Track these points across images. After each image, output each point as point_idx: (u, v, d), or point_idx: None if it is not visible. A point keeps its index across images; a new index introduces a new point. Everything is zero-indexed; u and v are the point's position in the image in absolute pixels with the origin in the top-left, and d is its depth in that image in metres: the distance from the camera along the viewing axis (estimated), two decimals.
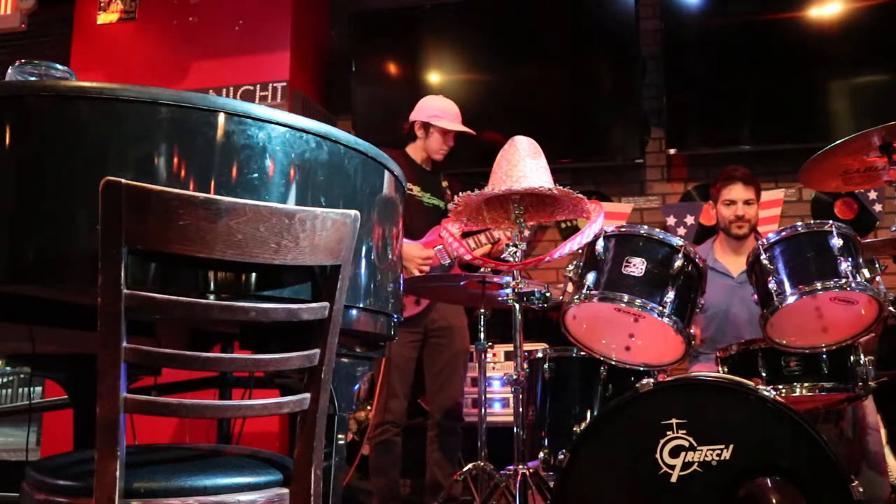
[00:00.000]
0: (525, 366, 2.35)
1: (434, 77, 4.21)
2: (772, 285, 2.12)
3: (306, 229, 1.21)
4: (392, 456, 3.07)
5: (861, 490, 1.82)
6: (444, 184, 3.30)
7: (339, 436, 1.53)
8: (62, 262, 1.18)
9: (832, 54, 3.77)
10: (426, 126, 3.20)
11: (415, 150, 3.24)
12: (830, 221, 2.16)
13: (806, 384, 2.20)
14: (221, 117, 1.27)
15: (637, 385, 2.03)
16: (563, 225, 4.10)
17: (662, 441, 1.93)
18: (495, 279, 2.62)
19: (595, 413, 2.26)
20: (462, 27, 4.20)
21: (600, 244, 2.20)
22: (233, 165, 1.28)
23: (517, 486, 2.21)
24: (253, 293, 1.27)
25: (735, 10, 3.91)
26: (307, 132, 1.37)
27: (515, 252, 2.26)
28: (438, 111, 3.20)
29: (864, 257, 2.14)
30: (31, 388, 3.14)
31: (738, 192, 2.99)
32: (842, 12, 3.76)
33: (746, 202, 2.99)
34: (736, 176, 3.02)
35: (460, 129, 3.20)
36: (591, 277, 2.16)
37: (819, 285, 2.06)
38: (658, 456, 1.93)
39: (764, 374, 2.25)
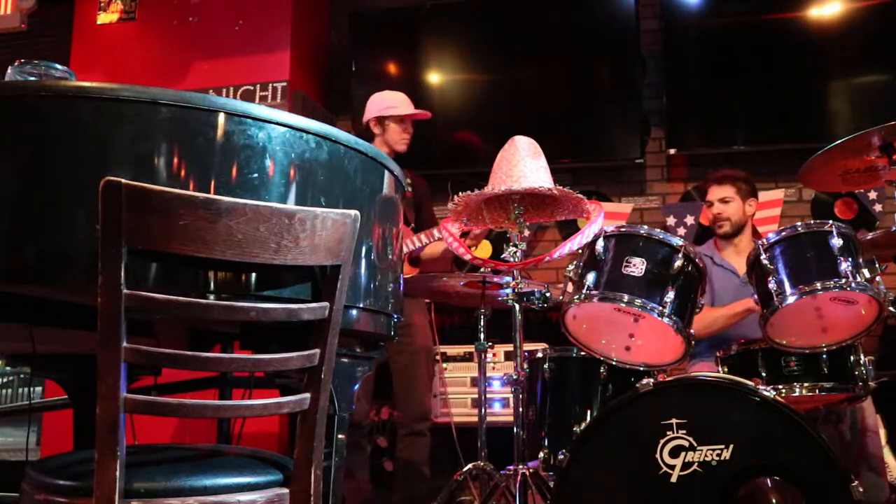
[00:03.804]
0: (525, 366, 2.34)
1: (434, 77, 4.21)
2: (772, 285, 2.12)
3: (306, 229, 1.21)
4: (360, 458, 3.09)
5: (861, 490, 1.82)
6: (408, 181, 3.30)
7: (339, 436, 1.53)
8: (62, 262, 1.18)
9: (832, 54, 3.77)
10: (381, 121, 3.20)
11: None
12: (830, 221, 2.16)
13: (806, 384, 2.20)
14: (221, 117, 1.27)
15: (637, 385, 2.03)
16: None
17: (662, 441, 1.93)
18: (495, 279, 2.62)
19: (595, 413, 2.26)
20: (462, 27, 4.20)
21: (600, 244, 2.20)
22: (233, 165, 1.28)
23: (517, 486, 2.21)
24: (253, 293, 1.28)
25: (735, 9, 3.91)
26: (307, 132, 1.37)
27: (515, 252, 2.26)
28: (388, 103, 3.21)
29: (864, 257, 2.14)
30: (31, 388, 3.14)
31: (712, 193, 3.11)
32: (842, 12, 3.76)
33: (722, 200, 3.07)
34: (711, 178, 3.15)
35: (415, 112, 3.20)
36: (591, 277, 2.16)
37: (819, 285, 2.06)
38: (658, 456, 1.93)
39: (764, 374, 2.26)
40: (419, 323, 3.20)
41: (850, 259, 2.08)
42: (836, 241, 2.10)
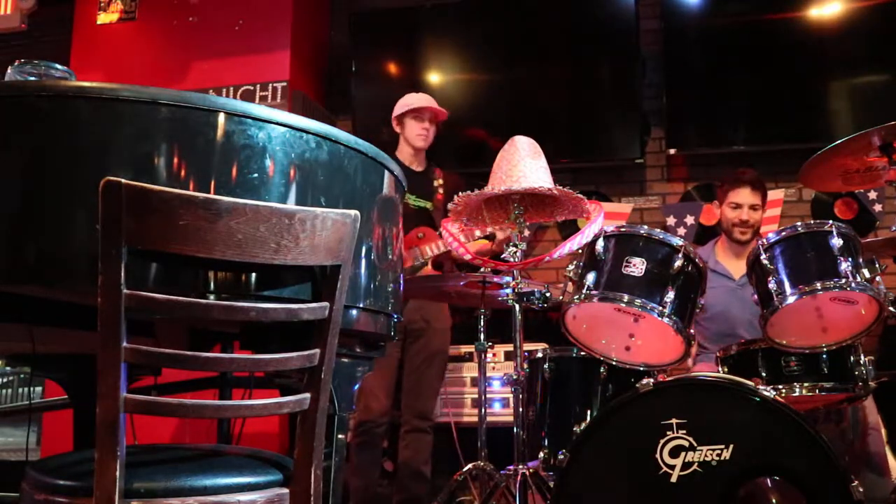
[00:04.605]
0: (525, 366, 2.34)
1: (434, 77, 4.21)
2: (772, 285, 2.12)
3: (306, 229, 1.21)
4: (372, 457, 3.09)
5: (861, 490, 1.82)
6: (439, 181, 3.30)
7: (339, 436, 1.53)
8: (62, 262, 1.18)
9: (832, 54, 3.77)
10: (401, 119, 3.26)
11: (402, 153, 3.27)
12: (830, 221, 2.16)
13: (806, 384, 2.20)
14: (221, 117, 1.27)
15: (637, 385, 2.03)
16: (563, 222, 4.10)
17: (662, 441, 1.93)
18: (495, 279, 2.62)
19: (595, 413, 2.26)
20: (462, 27, 4.20)
21: (600, 244, 2.19)
22: (233, 165, 1.28)
23: (517, 486, 2.21)
24: (253, 293, 1.28)
25: (735, 9, 3.91)
26: (307, 132, 1.37)
27: (515, 252, 2.26)
28: (407, 100, 3.27)
29: (864, 257, 2.14)
30: (31, 388, 3.14)
31: (745, 196, 2.98)
32: (842, 12, 3.76)
33: (752, 207, 2.97)
34: (744, 179, 2.99)
35: (428, 105, 3.23)
36: (591, 277, 2.16)
37: (819, 285, 2.06)
38: (658, 456, 1.93)
39: (764, 374, 2.25)
40: (440, 328, 3.22)
41: (850, 259, 2.08)
42: (836, 241, 2.09)
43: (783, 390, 2.20)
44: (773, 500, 1.86)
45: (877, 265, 2.13)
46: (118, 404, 1.08)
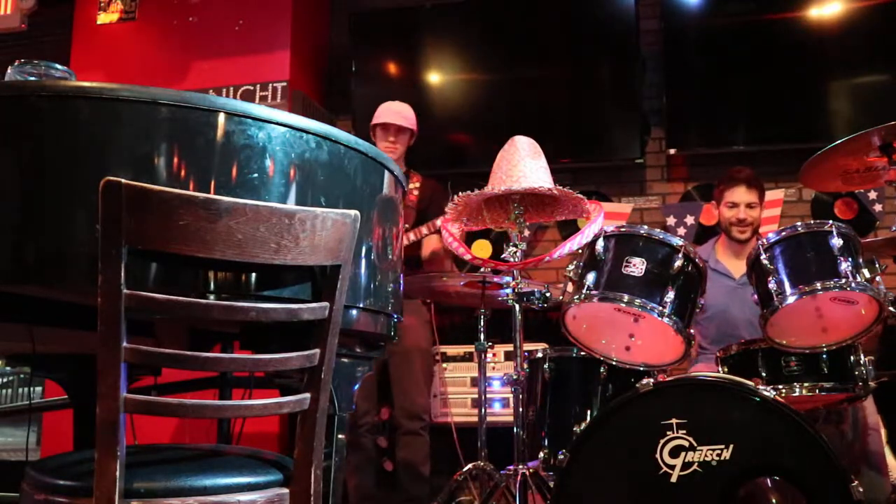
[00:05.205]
0: (525, 366, 2.35)
1: (434, 77, 4.21)
2: (772, 285, 2.12)
3: (306, 229, 1.21)
4: (365, 457, 3.13)
5: (861, 490, 1.82)
6: (415, 185, 3.31)
7: (339, 436, 1.53)
8: (62, 262, 1.18)
9: (832, 54, 3.77)
10: (373, 130, 3.31)
11: None
12: (830, 221, 2.16)
13: (806, 384, 2.20)
14: (221, 117, 1.27)
15: (637, 385, 2.03)
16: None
17: (662, 441, 1.93)
18: (495, 279, 2.62)
19: (595, 413, 2.26)
20: (462, 27, 4.20)
21: (600, 244, 2.19)
22: (233, 165, 1.28)
23: (517, 486, 2.21)
24: (253, 293, 1.28)
25: (735, 9, 3.91)
26: (307, 132, 1.37)
27: (515, 252, 2.26)
28: (377, 113, 3.30)
29: (864, 257, 2.14)
30: (31, 388, 3.14)
31: (740, 194, 2.98)
32: (842, 12, 3.76)
33: (749, 205, 2.98)
34: (739, 178, 2.99)
35: (392, 119, 3.24)
36: (591, 277, 2.16)
37: (819, 285, 2.06)
38: (658, 456, 1.93)
39: (764, 374, 2.25)
40: (410, 324, 3.22)
41: (850, 259, 2.08)
42: (836, 241, 2.09)
43: (783, 390, 2.20)
44: (773, 500, 1.86)
45: (877, 265, 2.13)
46: (118, 404, 1.08)
